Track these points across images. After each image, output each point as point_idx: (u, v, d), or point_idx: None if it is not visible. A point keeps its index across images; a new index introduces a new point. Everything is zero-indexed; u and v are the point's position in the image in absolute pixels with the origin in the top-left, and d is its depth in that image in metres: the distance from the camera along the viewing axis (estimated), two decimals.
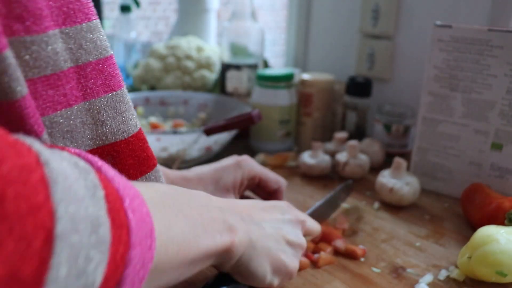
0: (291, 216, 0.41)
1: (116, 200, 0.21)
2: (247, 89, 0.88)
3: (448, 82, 0.62)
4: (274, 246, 0.37)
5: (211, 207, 0.32)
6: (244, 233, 0.33)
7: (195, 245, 0.28)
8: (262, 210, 0.39)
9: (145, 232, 0.23)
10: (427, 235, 0.55)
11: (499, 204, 0.52)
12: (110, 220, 0.20)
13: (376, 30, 0.86)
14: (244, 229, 0.34)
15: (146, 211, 0.23)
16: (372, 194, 0.66)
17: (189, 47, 0.99)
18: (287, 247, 0.38)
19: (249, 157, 0.52)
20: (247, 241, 0.34)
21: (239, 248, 0.33)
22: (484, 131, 0.61)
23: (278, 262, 0.37)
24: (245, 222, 0.34)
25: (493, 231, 0.44)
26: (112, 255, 0.20)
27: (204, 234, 0.29)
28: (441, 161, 0.66)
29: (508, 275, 0.43)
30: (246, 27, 0.86)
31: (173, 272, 0.27)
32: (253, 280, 0.36)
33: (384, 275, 0.47)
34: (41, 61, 0.25)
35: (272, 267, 0.36)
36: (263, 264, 0.35)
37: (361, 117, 0.81)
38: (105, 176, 0.22)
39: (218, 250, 0.31)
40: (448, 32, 0.61)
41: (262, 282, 0.36)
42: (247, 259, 0.34)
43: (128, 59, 1.18)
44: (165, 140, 0.67)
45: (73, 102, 0.28)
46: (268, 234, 0.36)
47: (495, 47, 0.58)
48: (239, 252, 0.33)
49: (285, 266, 0.37)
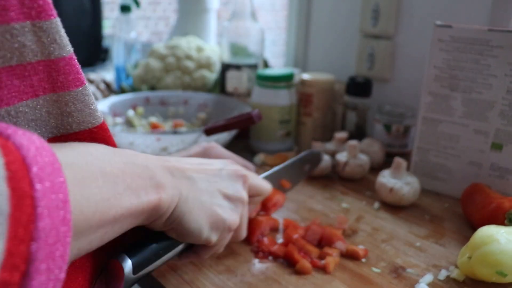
0: (230, 171, 0.40)
1: (20, 169, 0.20)
2: (247, 89, 0.88)
3: (448, 82, 0.62)
4: (208, 200, 0.36)
5: (136, 164, 0.31)
6: (173, 189, 0.32)
7: (117, 203, 0.27)
8: (197, 164, 0.38)
9: (56, 202, 0.21)
10: (427, 235, 0.55)
11: (499, 204, 0.52)
12: (9, 189, 0.19)
13: (376, 30, 0.86)
14: (173, 185, 0.33)
15: (60, 181, 0.22)
16: (372, 194, 0.66)
17: (189, 47, 0.99)
18: (224, 201, 0.37)
19: (217, 144, 0.51)
20: (177, 197, 0.33)
21: (168, 204, 0.32)
22: (484, 131, 0.61)
23: (213, 216, 0.36)
24: (175, 177, 0.34)
25: (493, 231, 0.44)
26: (12, 227, 0.18)
27: (126, 191, 0.28)
28: (441, 161, 0.66)
29: (508, 275, 0.43)
30: (246, 27, 0.86)
31: (93, 232, 0.26)
32: (188, 236, 0.35)
33: (384, 275, 0.47)
34: (5, 51, 0.25)
35: (208, 222, 0.35)
36: (197, 219, 0.35)
37: (361, 117, 0.81)
38: (13, 144, 0.20)
39: (144, 208, 0.30)
40: (448, 32, 0.61)
41: (198, 238, 0.35)
42: (179, 215, 0.33)
43: (128, 59, 1.18)
44: (165, 140, 0.67)
45: (41, 93, 0.28)
46: (201, 188, 0.35)
47: (495, 47, 0.58)
48: (169, 208, 0.32)
49: (222, 220, 0.36)
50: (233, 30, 0.86)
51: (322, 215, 0.59)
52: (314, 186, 0.68)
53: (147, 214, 0.31)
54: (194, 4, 1.18)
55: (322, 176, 0.71)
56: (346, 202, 0.63)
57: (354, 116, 0.81)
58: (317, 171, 0.69)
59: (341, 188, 0.68)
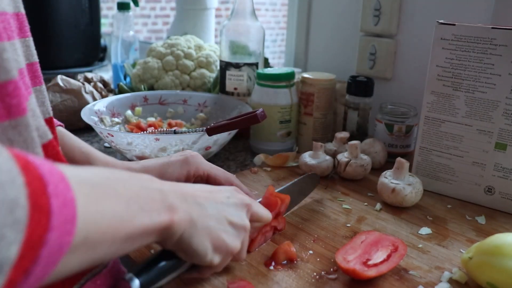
0: (236, 199, 0.43)
1: (40, 186, 0.23)
2: (247, 89, 0.87)
3: (451, 81, 0.61)
4: (215, 226, 0.39)
5: (151, 188, 0.34)
6: (184, 212, 0.36)
7: (129, 222, 0.30)
8: (208, 192, 0.41)
9: (66, 217, 0.24)
10: (429, 237, 0.54)
11: None
12: (30, 203, 0.22)
13: (378, 29, 0.86)
14: (185, 209, 0.36)
15: (70, 197, 0.25)
16: (374, 195, 0.65)
17: (188, 45, 0.98)
18: (229, 228, 0.40)
19: (198, 154, 0.53)
20: (188, 220, 0.36)
21: (179, 226, 0.35)
22: (488, 131, 0.60)
23: (219, 241, 0.39)
24: (187, 202, 0.37)
25: (506, 243, 0.43)
26: (29, 235, 0.22)
27: (140, 212, 0.31)
28: (444, 162, 0.65)
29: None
30: (247, 25, 0.85)
31: (107, 246, 0.28)
32: (194, 257, 0.38)
33: (386, 277, 0.46)
34: None
35: (213, 246, 0.39)
36: (204, 242, 0.38)
37: (363, 116, 0.80)
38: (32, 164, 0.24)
39: (156, 228, 0.33)
40: (451, 30, 0.60)
41: (203, 260, 0.38)
42: (188, 237, 0.36)
43: (126, 58, 1.17)
44: (165, 140, 0.66)
45: None
46: (210, 214, 0.39)
47: (499, 46, 0.57)
48: (179, 230, 0.35)
49: (225, 245, 0.40)
50: (233, 28, 0.85)
51: (323, 216, 0.58)
52: None
53: (158, 233, 0.33)
54: (193, 3, 1.17)
55: (323, 176, 0.70)
56: (347, 203, 0.62)
57: (356, 115, 0.80)
58: (317, 171, 0.68)
59: (342, 188, 0.67)
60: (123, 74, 1.12)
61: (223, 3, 4.18)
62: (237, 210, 0.42)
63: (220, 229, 0.39)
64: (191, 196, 0.38)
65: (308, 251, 0.50)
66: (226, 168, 0.74)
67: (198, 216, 0.37)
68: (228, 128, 0.65)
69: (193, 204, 0.37)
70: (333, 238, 0.53)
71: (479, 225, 0.58)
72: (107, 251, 0.29)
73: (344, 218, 0.58)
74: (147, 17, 4.11)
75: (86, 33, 1.29)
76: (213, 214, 0.39)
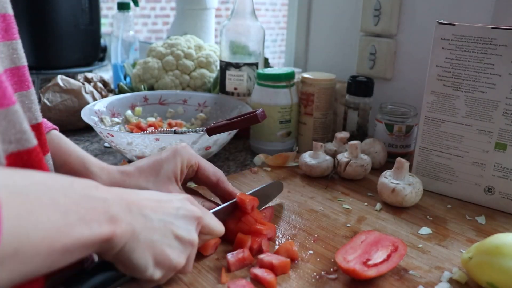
0: (186, 211, 0.41)
1: None
2: (247, 89, 0.87)
3: (451, 81, 0.61)
4: (159, 240, 0.37)
5: (94, 196, 0.32)
6: (127, 224, 0.34)
7: (67, 233, 0.28)
8: (156, 201, 0.39)
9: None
10: (429, 237, 0.54)
11: None
12: None
13: (378, 29, 0.86)
14: (129, 221, 0.34)
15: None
16: (374, 195, 0.65)
17: (188, 45, 0.98)
18: (175, 242, 0.38)
19: (187, 145, 0.53)
20: (131, 233, 0.34)
21: (121, 239, 0.33)
22: (488, 131, 0.60)
23: (162, 256, 0.37)
24: (131, 213, 0.35)
25: (506, 243, 0.43)
26: None
27: (78, 223, 0.29)
28: (444, 162, 0.65)
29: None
30: (247, 25, 0.85)
31: (43, 259, 0.27)
32: (134, 271, 0.36)
33: (386, 277, 0.46)
34: None
35: (155, 260, 0.37)
36: (145, 256, 0.36)
37: (363, 116, 0.80)
38: None
39: (95, 240, 0.31)
40: (451, 30, 0.60)
41: (143, 274, 0.37)
42: (129, 250, 0.35)
43: (126, 58, 1.17)
44: (165, 140, 0.66)
45: None
46: (155, 227, 0.37)
47: (499, 46, 0.57)
48: (120, 243, 0.33)
49: (169, 260, 0.38)
50: (233, 28, 0.85)
51: (323, 216, 0.58)
52: (315, 187, 0.67)
53: (98, 246, 0.32)
54: (193, 3, 1.17)
55: (323, 176, 0.70)
56: (347, 203, 0.62)
57: (356, 115, 0.80)
58: (317, 171, 0.68)
59: (342, 188, 0.67)
60: (123, 74, 1.12)
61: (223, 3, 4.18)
62: (186, 224, 0.40)
63: (164, 244, 0.37)
64: (137, 206, 0.36)
65: (308, 251, 0.50)
66: (226, 168, 0.74)
67: (142, 229, 0.35)
68: (228, 128, 0.65)
69: (138, 216, 0.36)
70: (333, 238, 0.53)
71: (479, 225, 0.58)
72: (42, 264, 0.27)
73: (344, 218, 0.58)
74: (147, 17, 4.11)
75: (86, 33, 1.29)
76: (158, 227, 0.37)
